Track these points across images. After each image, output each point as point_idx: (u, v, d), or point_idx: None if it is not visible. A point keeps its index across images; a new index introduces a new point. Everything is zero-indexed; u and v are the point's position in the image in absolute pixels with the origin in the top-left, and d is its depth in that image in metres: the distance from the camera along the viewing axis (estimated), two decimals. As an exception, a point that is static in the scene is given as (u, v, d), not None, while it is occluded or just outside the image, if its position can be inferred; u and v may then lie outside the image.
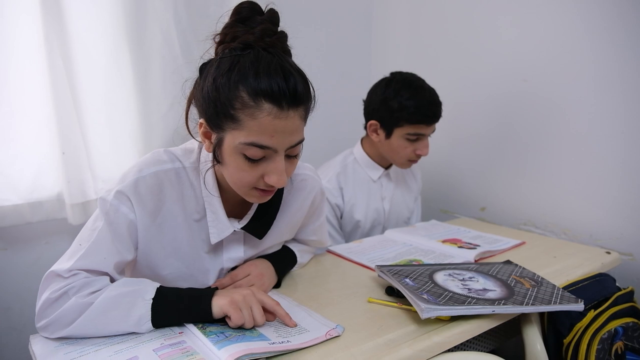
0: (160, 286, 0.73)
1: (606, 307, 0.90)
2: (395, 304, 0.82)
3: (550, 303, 0.79)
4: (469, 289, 0.83)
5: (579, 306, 0.80)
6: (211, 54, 0.74)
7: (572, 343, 0.86)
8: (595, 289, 0.94)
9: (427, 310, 0.72)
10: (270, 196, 0.77)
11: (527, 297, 0.81)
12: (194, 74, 0.77)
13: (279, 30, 0.72)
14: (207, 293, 0.73)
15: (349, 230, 1.39)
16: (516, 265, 1.00)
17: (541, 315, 0.91)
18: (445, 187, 1.71)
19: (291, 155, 0.74)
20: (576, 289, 0.92)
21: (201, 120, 0.73)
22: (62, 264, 0.72)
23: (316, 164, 1.04)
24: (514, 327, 0.90)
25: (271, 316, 0.74)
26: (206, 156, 0.80)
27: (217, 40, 0.73)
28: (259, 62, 0.66)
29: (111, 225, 0.74)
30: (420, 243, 1.19)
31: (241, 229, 0.83)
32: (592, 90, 1.26)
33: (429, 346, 0.71)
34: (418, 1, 1.73)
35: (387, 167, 1.40)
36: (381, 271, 0.90)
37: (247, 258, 0.90)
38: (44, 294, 0.70)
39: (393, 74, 1.30)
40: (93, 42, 1.24)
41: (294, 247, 1.00)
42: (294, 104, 0.68)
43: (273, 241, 0.92)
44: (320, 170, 1.37)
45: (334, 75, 1.81)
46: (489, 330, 0.80)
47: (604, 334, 0.86)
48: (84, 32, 1.22)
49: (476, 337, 0.80)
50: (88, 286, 0.70)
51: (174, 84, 1.37)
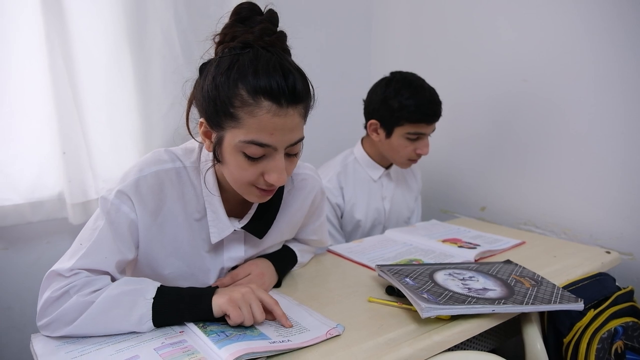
0: (161, 285, 0.73)
1: (606, 307, 0.90)
2: (395, 304, 0.82)
3: (550, 302, 0.80)
4: (469, 289, 0.83)
5: (579, 305, 0.80)
6: (211, 54, 0.74)
7: (572, 342, 0.86)
8: (595, 288, 0.94)
9: (427, 309, 0.73)
10: (270, 196, 0.77)
11: (527, 297, 0.81)
12: (195, 73, 0.77)
13: (278, 30, 0.72)
14: (207, 292, 0.74)
15: (349, 230, 1.39)
16: (516, 264, 1.00)
17: (541, 314, 0.91)
18: (445, 187, 1.72)
19: (291, 154, 0.74)
20: (576, 289, 0.92)
21: (201, 120, 0.73)
22: (63, 263, 0.72)
23: (316, 164, 1.04)
24: (514, 327, 0.90)
25: (271, 315, 0.74)
26: (207, 156, 0.80)
27: (216, 40, 0.73)
28: (258, 61, 0.67)
29: (112, 225, 0.74)
30: (421, 243, 1.19)
31: (241, 228, 0.83)
32: (592, 91, 1.26)
33: (429, 345, 0.71)
34: (418, 1, 1.73)
35: (387, 166, 1.41)
36: (381, 271, 0.91)
37: (247, 257, 0.90)
38: (45, 293, 0.70)
39: (393, 74, 1.30)
40: (94, 41, 1.25)
41: (294, 247, 1.00)
42: (293, 101, 0.68)
43: (273, 241, 0.92)
44: (320, 170, 1.37)
45: (334, 75, 1.82)
46: (489, 329, 0.80)
47: (603, 334, 0.86)
48: (85, 31, 1.22)
49: (476, 336, 0.80)
50: (89, 285, 0.71)
51: (174, 83, 1.38)
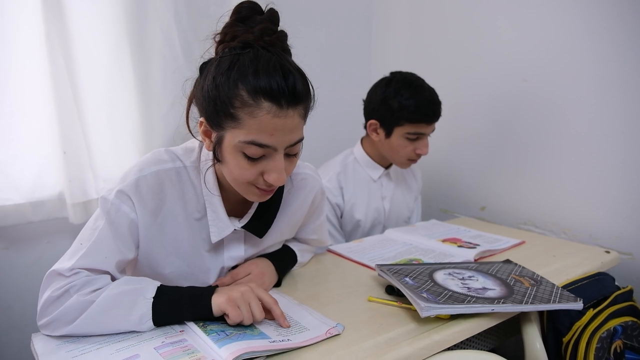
0: (160, 285, 0.74)
1: (605, 306, 0.90)
2: (395, 303, 0.83)
3: (549, 302, 0.80)
4: (468, 288, 0.83)
5: (578, 305, 0.80)
6: (211, 53, 0.74)
7: (572, 342, 0.86)
8: (594, 288, 0.94)
9: (427, 308, 0.73)
10: (269, 195, 0.78)
11: (527, 296, 0.81)
12: (195, 73, 0.77)
13: (278, 29, 0.72)
14: (207, 292, 0.74)
15: (349, 230, 1.39)
16: (516, 264, 1.00)
17: (541, 314, 0.91)
18: (445, 187, 1.72)
19: (291, 154, 0.74)
20: (575, 288, 0.92)
21: (201, 119, 0.74)
22: (64, 263, 0.73)
23: (316, 164, 1.04)
24: (513, 326, 0.90)
25: (270, 315, 0.74)
26: (207, 155, 0.80)
27: (217, 39, 0.73)
28: (258, 61, 0.67)
29: (112, 225, 0.74)
30: (420, 242, 1.19)
31: (242, 227, 0.84)
32: (592, 90, 1.27)
33: (428, 344, 0.71)
34: (418, 1, 1.73)
35: (387, 166, 1.41)
36: (381, 270, 0.91)
37: (247, 257, 0.90)
38: (45, 293, 0.70)
39: (393, 74, 1.30)
40: (94, 41, 1.25)
41: (294, 247, 1.00)
42: (293, 102, 0.68)
43: (273, 240, 0.92)
44: (320, 170, 1.37)
45: (333, 75, 1.82)
46: (488, 329, 0.80)
47: (603, 333, 0.86)
48: (85, 31, 1.23)
49: (476, 335, 0.81)
50: (89, 284, 0.71)
51: (174, 83, 1.38)
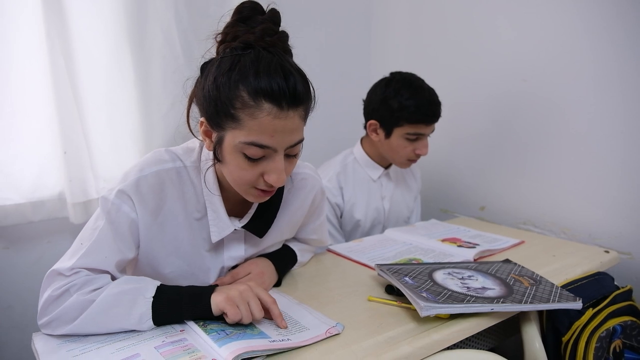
0: (160, 284, 0.74)
1: (604, 306, 0.90)
2: (395, 302, 0.83)
3: (548, 301, 0.80)
4: (468, 288, 0.83)
5: (578, 304, 0.80)
6: (212, 53, 0.74)
7: (571, 341, 0.86)
8: (593, 287, 0.94)
9: (427, 308, 0.73)
10: (269, 196, 0.78)
11: (526, 296, 0.81)
12: (195, 73, 0.77)
13: (280, 30, 0.73)
14: (206, 291, 0.74)
15: (349, 230, 1.40)
16: (515, 264, 1.00)
17: (540, 313, 0.91)
18: (444, 187, 1.72)
19: (291, 155, 0.74)
20: (575, 288, 0.92)
21: (202, 119, 0.74)
22: (64, 262, 0.73)
23: (316, 164, 1.04)
24: (513, 326, 0.91)
25: (269, 314, 0.75)
26: (207, 155, 0.80)
27: (218, 39, 0.73)
28: (259, 62, 0.67)
29: (113, 224, 0.74)
30: (420, 242, 1.20)
31: (242, 227, 0.84)
32: (592, 90, 1.27)
33: (428, 344, 0.71)
34: (418, 1, 1.73)
35: (386, 166, 1.41)
36: (381, 270, 0.91)
37: (247, 257, 0.90)
38: (46, 292, 0.71)
39: (393, 74, 1.31)
40: (94, 41, 1.25)
41: (294, 246, 1.00)
42: (293, 103, 0.68)
43: (273, 240, 0.92)
44: (320, 170, 1.37)
45: (333, 75, 1.82)
46: (488, 328, 0.80)
47: (602, 332, 0.86)
48: (85, 31, 1.23)
49: (475, 335, 0.81)
50: (89, 284, 0.71)
51: (174, 83, 1.38)
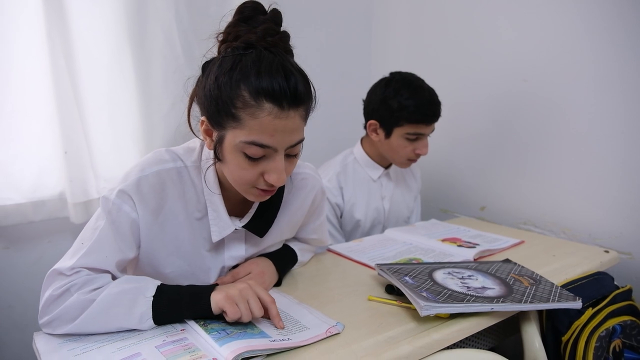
0: (161, 284, 0.74)
1: (604, 305, 0.90)
2: (395, 302, 0.83)
3: (548, 301, 0.80)
4: (468, 287, 0.83)
5: (577, 304, 0.80)
6: (214, 52, 0.75)
7: (571, 341, 0.87)
8: (593, 287, 0.94)
9: (427, 307, 0.73)
10: (270, 195, 0.78)
11: (526, 295, 0.81)
12: (195, 73, 0.77)
13: (281, 30, 0.73)
14: (206, 290, 0.74)
15: (349, 230, 1.40)
16: (515, 263, 1.01)
17: (540, 313, 0.91)
18: (445, 187, 1.72)
19: (291, 155, 0.74)
20: (574, 287, 0.92)
21: (203, 118, 0.74)
22: (65, 262, 0.73)
23: (316, 164, 1.04)
24: (512, 325, 0.91)
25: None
26: (207, 154, 0.80)
27: (219, 39, 0.73)
28: (260, 62, 0.67)
29: (113, 224, 0.75)
30: (420, 242, 1.20)
31: (242, 227, 0.84)
32: (592, 90, 1.27)
33: (428, 343, 0.71)
34: (418, 1, 1.73)
35: (387, 166, 1.41)
36: (381, 269, 0.91)
37: (248, 256, 0.90)
38: (46, 292, 0.71)
39: (392, 74, 1.31)
40: (95, 41, 1.25)
41: (294, 246, 1.00)
42: (294, 103, 0.68)
43: (274, 240, 0.93)
44: (320, 170, 1.37)
45: (334, 75, 1.82)
46: (487, 328, 0.80)
47: (602, 332, 0.86)
48: (86, 31, 1.23)
49: (475, 334, 0.81)
50: (90, 283, 0.71)
51: (175, 83, 1.38)
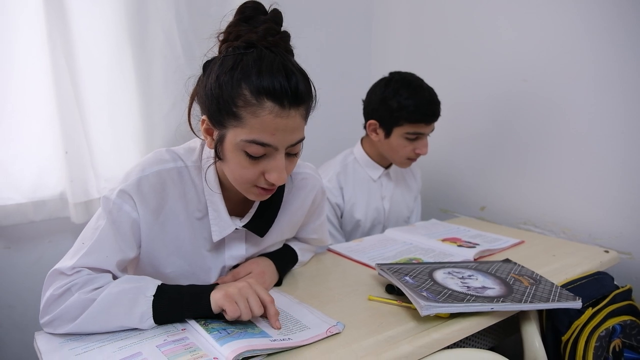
0: (161, 283, 0.74)
1: (604, 305, 0.90)
2: (395, 302, 0.83)
3: (548, 301, 0.80)
4: (468, 287, 0.84)
5: (577, 304, 0.80)
6: (215, 52, 0.75)
7: (571, 340, 0.87)
8: (593, 287, 0.94)
9: (427, 307, 0.73)
10: (270, 194, 0.78)
11: (526, 295, 0.82)
12: (196, 73, 0.77)
13: (281, 30, 0.73)
14: (206, 289, 0.74)
15: (349, 230, 1.40)
16: (515, 263, 1.01)
17: (540, 313, 0.91)
18: (445, 187, 1.72)
19: (291, 154, 0.75)
20: (574, 287, 0.92)
21: (204, 117, 0.74)
22: (66, 262, 0.73)
23: (316, 164, 1.05)
24: (512, 325, 0.91)
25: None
26: (208, 153, 0.80)
27: (220, 38, 0.74)
28: (261, 61, 0.67)
29: (114, 224, 0.75)
30: (420, 242, 1.20)
31: (243, 226, 0.84)
32: (592, 90, 1.27)
33: (428, 343, 0.71)
34: (418, 1, 1.73)
35: (387, 166, 1.41)
36: (381, 269, 0.91)
37: (248, 256, 0.90)
38: (47, 291, 0.71)
39: (392, 74, 1.31)
40: (95, 41, 1.25)
41: (295, 246, 1.00)
42: (295, 102, 0.69)
43: (274, 239, 0.93)
44: (320, 170, 1.37)
45: (334, 75, 1.82)
46: (488, 327, 0.80)
47: (601, 332, 0.86)
48: (86, 31, 1.23)
49: (475, 334, 0.81)
50: (91, 283, 0.72)
51: (175, 83, 1.38)
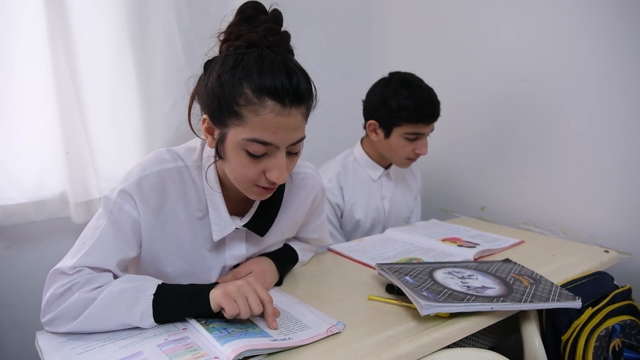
0: (162, 283, 0.74)
1: (604, 305, 0.90)
2: (395, 301, 0.83)
3: (548, 300, 0.80)
4: (468, 287, 0.84)
5: (577, 303, 0.81)
6: (215, 51, 0.75)
7: (570, 340, 0.87)
8: (593, 287, 0.95)
9: (427, 307, 0.73)
10: (270, 193, 0.78)
11: (526, 295, 0.82)
12: (196, 73, 0.78)
13: (282, 30, 0.73)
14: (206, 288, 0.74)
15: (349, 230, 1.40)
16: (515, 263, 1.01)
17: (540, 312, 0.91)
18: (445, 187, 1.72)
19: (292, 153, 0.75)
20: (574, 287, 0.92)
21: (205, 116, 0.74)
22: (66, 261, 0.74)
23: (317, 164, 1.05)
24: (512, 325, 0.91)
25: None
26: (209, 152, 0.81)
27: (221, 38, 0.74)
28: (263, 60, 0.68)
29: (115, 224, 0.75)
30: (421, 242, 1.20)
31: (243, 226, 0.84)
32: (592, 90, 1.27)
33: (428, 342, 0.71)
34: (418, 1, 1.73)
35: (387, 166, 1.41)
36: (382, 269, 0.91)
37: (249, 256, 0.90)
38: (48, 291, 0.72)
39: (392, 74, 1.31)
40: (96, 42, 1.26)
41: (295, 246, 1.01)
42: (296, 101, 0.69)
43: (275, 239, 0.93)
44: (320, 170, 1.37)
45: (334, 75, 1.82)
46: (488, 327, 0.81)
47: (601, 332, 0.86)
48: (87, 31, 1.23)
49: (475, 333, 0.81)
50: (91, 282, 0.72)
51: (176, 83, 1.38)
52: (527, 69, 1.41)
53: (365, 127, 1.36)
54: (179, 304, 0.73)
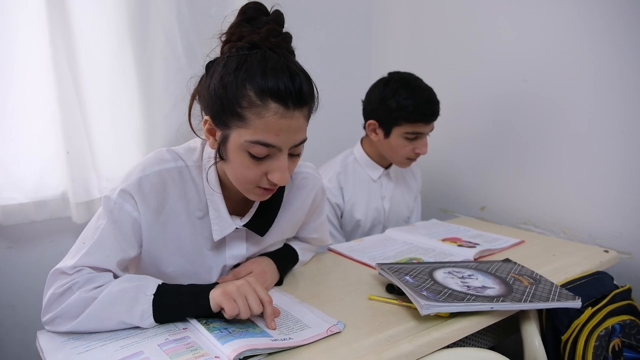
0: (162, 283, 0.75)
1: (604, 305, 0.91)
2: (395, 301, 0.83)
3: (548, 300, 0.80)
4: (468, 287, 0.84)
5: (577, 303, 0.81)
6: (217, 52, 0.75)
7: (570, 340, 0.87)
8: (593, 286, 0.95)
9: (427, 307, 0.73)
10: (271, 194, 0.78)
11: (526, 295, 0.82)
12: (197, 73, 0.78)
13: (283, 31, 0.73)
14: (206, 288, 0.75)
15: (349, 230, 1.40)
16: (515, 263, 1.01)
17: (539, 312, 0.91)
18: (445, 187, 1.72)
19: (294, 154, 0.75)
20: (574, 287, 0.93)
21: (206, 118, 0.74)
22: (67, 261, 0.74)
23: (317, 164, 1.05)
24: (512, 324, 0.91)
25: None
26: (209, 153, 0.81)
27: (223, 39, 0.74)
28: (266, 62, 0.68)
29: (115, 224, 0.75)
30: (421, 242, 1.20)
31: (243, 226, 0.84)
32: (592, 90, 1.27)
33: (428, 342, 0.72)
34: (418, 1, 1.74)
35: (387, 166, 1.41)
36: (382, 269, 0.92)
37: (249, 255, 0.91)
38: (49, 290, 0.72)
39: (391, 74, 1.31)
40: (97, 42, 1.26)
41: (295, 245, 1.01)
42: (299, 103, 0.69)
43: (275, 239, 0.93)
44: (320, 170, 1.37)
45: (334, 75, 1.82)
46: (488, 327, 0.81)
47: (601, 331, 0.87)
48: (88, 31, 1.23)
49: (475, 333, 0.81)
50: (92, 281, 0.72)
51: (176, 84, 1.39)
52: (527, 69, 1.41)
53: (365, 127, 1.36)
54: (179, 303, 0.73)
